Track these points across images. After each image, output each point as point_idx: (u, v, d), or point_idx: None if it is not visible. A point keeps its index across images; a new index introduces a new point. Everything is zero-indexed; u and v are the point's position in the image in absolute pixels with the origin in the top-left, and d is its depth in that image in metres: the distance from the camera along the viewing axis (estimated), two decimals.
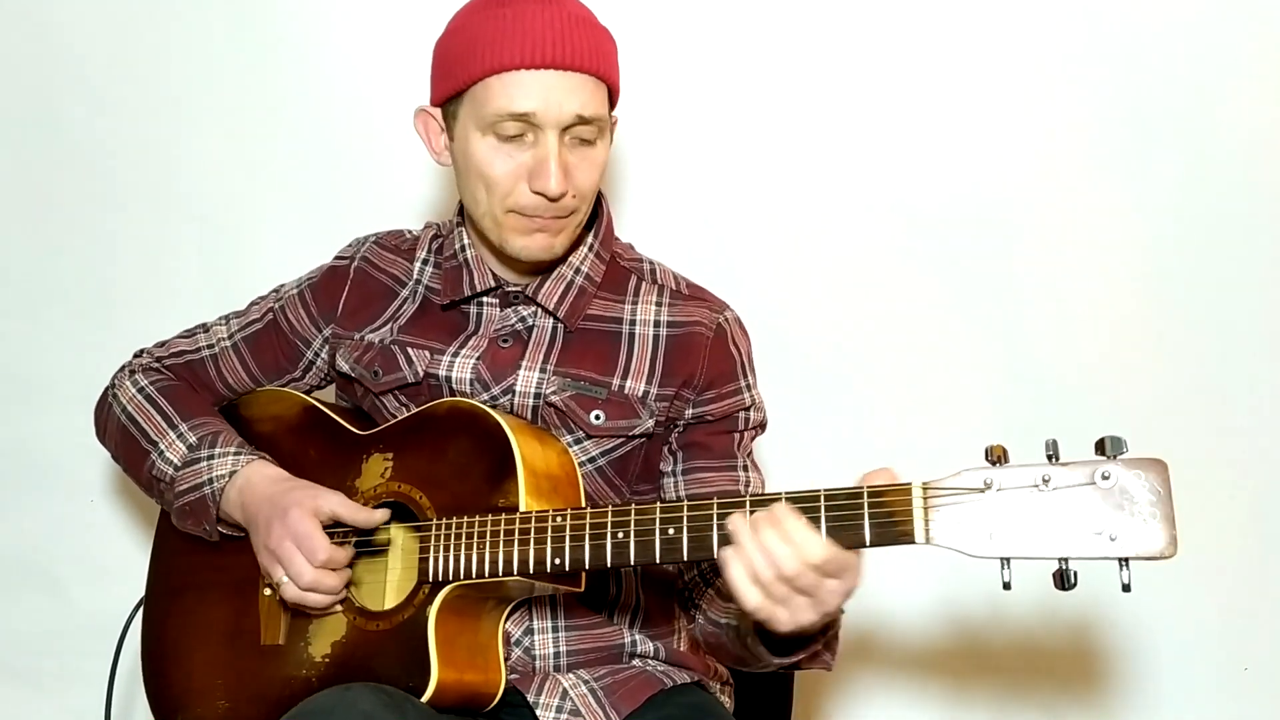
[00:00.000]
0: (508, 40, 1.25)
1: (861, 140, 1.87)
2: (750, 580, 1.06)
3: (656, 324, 1.39)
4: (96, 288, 2.05)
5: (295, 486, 1.33)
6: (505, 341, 1.38)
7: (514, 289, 1.39)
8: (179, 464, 1.39)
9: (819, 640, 1.20)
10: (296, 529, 1.28)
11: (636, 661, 1.38)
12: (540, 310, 1.38)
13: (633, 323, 1.39)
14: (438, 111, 1.35)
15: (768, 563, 1.05)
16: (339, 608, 1.31)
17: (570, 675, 1.33)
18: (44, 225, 2.05)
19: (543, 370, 1.36)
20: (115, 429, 1.48)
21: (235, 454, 1.37)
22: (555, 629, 1.35)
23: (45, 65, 2.01)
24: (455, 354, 1.38)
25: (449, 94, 1.31)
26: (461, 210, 1.43)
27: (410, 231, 1.51)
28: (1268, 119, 1.81)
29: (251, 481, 1.35)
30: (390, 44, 1.91)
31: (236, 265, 1.99)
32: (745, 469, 1.39)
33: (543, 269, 1.38)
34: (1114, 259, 1.85)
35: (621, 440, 1.36)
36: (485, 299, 1.40)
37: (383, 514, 1.32)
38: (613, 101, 1.34)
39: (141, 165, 2.01)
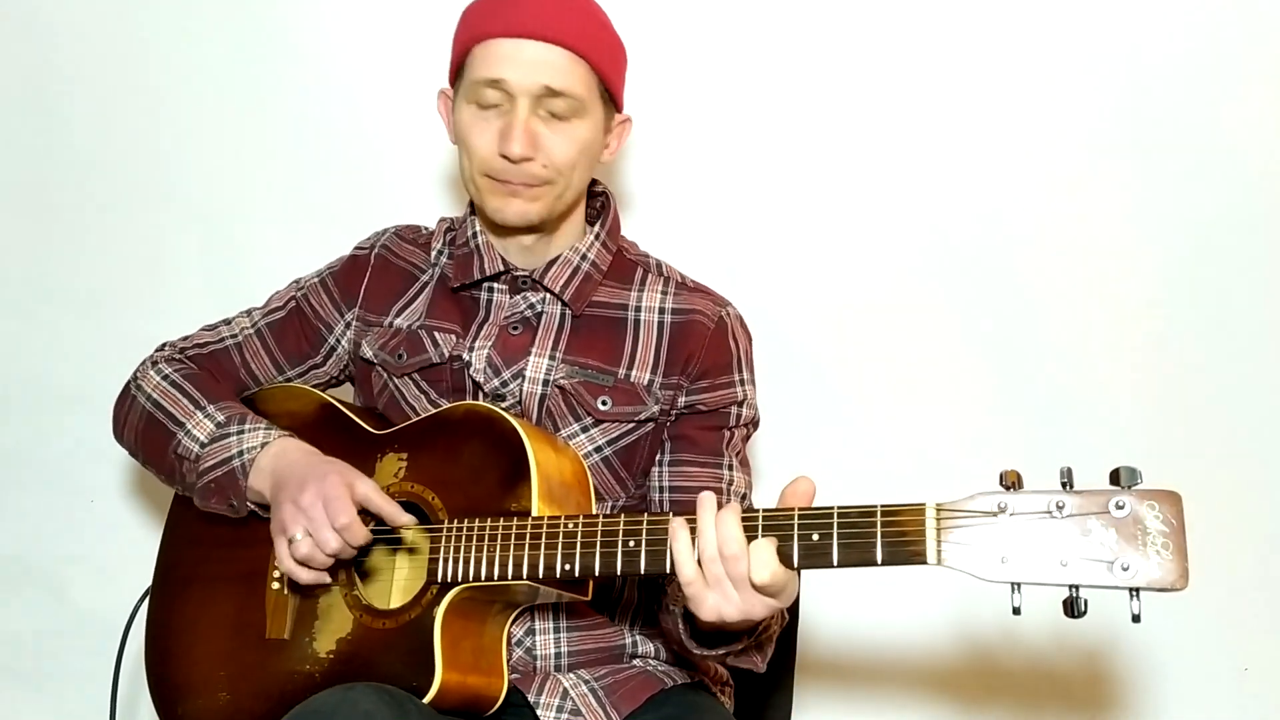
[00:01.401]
0: (492, 12, 1.33)
1: (873, 152, 1.87)
2: (690, 553, 1.11)
3: (661, 311, 1.42)
4: (96, 288, 2.04)
5: (336, 461, 1.33)
6: (515, 328, 1.40)
7: (522, 274, 1.42)
8: (206, 440, 1.39)
9: (743, 640, 1.22)
10: (329, 492, 1.28)
11: (637, 661, 1.39)
12: (548, 295, 1.41)
13: (638, 309, 1.42)
14: (451, 90, 1.41)
15: (714, 539, 1.09)
16: (344, 604, 1.32)
17: (571, 675, 1.34)
18: (44, 225, 2.05)
19: (552, 357, 1.38)
20: (138, 417, 1.47)
21: (266, 429, 1.38)
22: (557, 629, 1.36)
23: (45, 66, 2.00)
24: (472, 341, 1.40)
25: (453, 71, 1.39)
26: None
27: (426, 227, 1.54)
28: None
29: (287, 450, 1.35)
30: (392, 44, 1.91)
31: (237, 266, 1.99)
32: (731, 468, 1.40)
33: (550, 258, 1.41)
34: (1129, 282, 1.85)
35: (629, 427, 1.38)
36: (495, 285, 1.43)
37: (410, 518, 1.31)
38: (610, 92, 1.38)
39: (142, 165, 2.01)
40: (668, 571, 1.17)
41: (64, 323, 2.05)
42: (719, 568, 1.09)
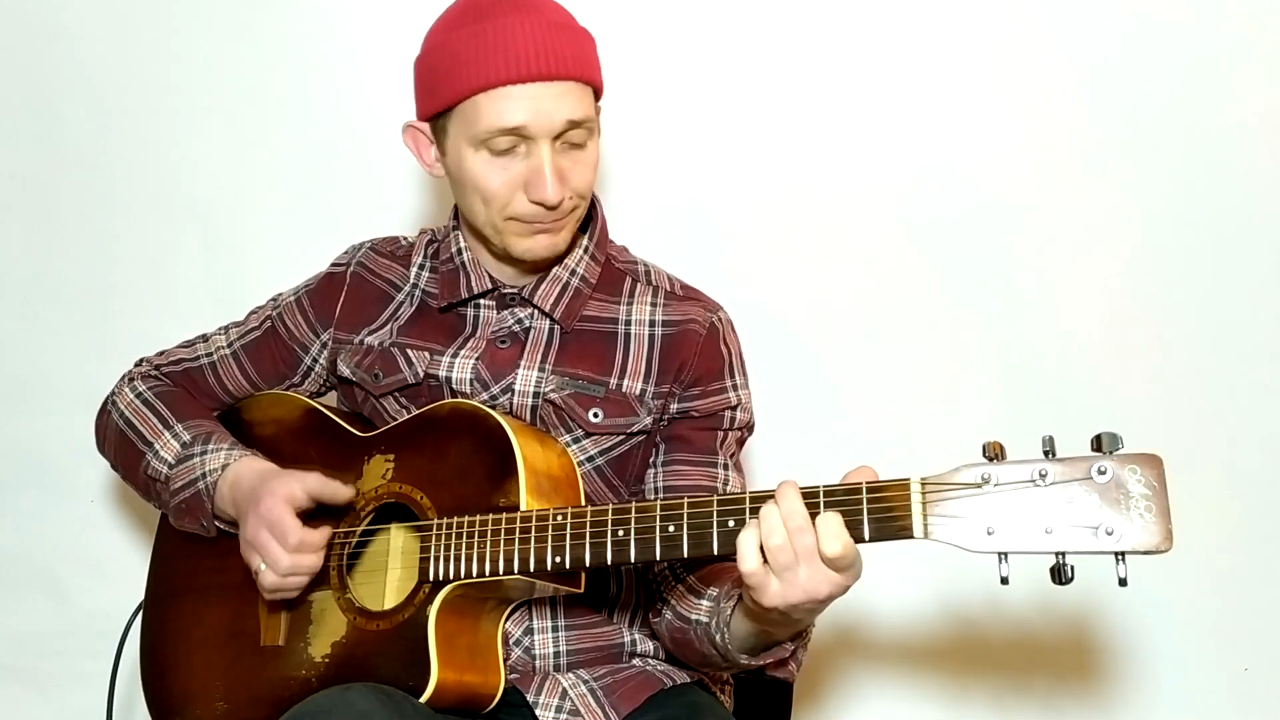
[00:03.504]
0: (492, 55, 1.26)
1: (857, 136, 1.87)
2: (754, 544, 1.07)
3: (651, 324, 1.40)
4: (97, 289, 2.04)
5: (273, 475, 1.33)
6: (503, 342, 1.39)
7: (510, 291, 1.40)
8: (173, 462, 1.40)
9: (786, 647, 1.22)
10: (268, 516, 1.28)
11: (636, 661, 1.39)
12: (537, 312, 1.39)
13: (628, 323, 1.40)
14: (426, 126, 1.36)
15: (780, 523, 1.06)
16: (337, 608, 1.32)
17: (570, 675, 1.34)
18: (44, 226, 2.05)
19: (541, 369, 1.37)
20: (113, 434, 1.49)
21: (228, 450, 1.38)
22: (555, 629, 1.35)
23: (46, 66, 2.01)
24: (455, 355, 1.39)
25: (436, 111, 1.32)
26: (457, 214, 1.43)
27: (405, 238, 1.52)
28: (1267, 118, 1.81)
29: (240, 476, 1.35)
30: (391, 48, 1.90)
31: (237, 267, 1.99)
32: (725, 468, 1.39)
33: (540, 269, 1.39)
34: (1110, 254, 1.85)
35: (620, 439, 1.37)
36: (482, 301, 1.41)
37: (349, 490, 1.31)
38: (598, 95, 1.35)
39: (142, 167, 2.01)
40: (658, 559, 1.17)
41: (64, 323, 2.05)
42: (787, 555, 1.06)
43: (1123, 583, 0.98)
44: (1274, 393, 1.86)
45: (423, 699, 1.21)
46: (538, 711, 1.29)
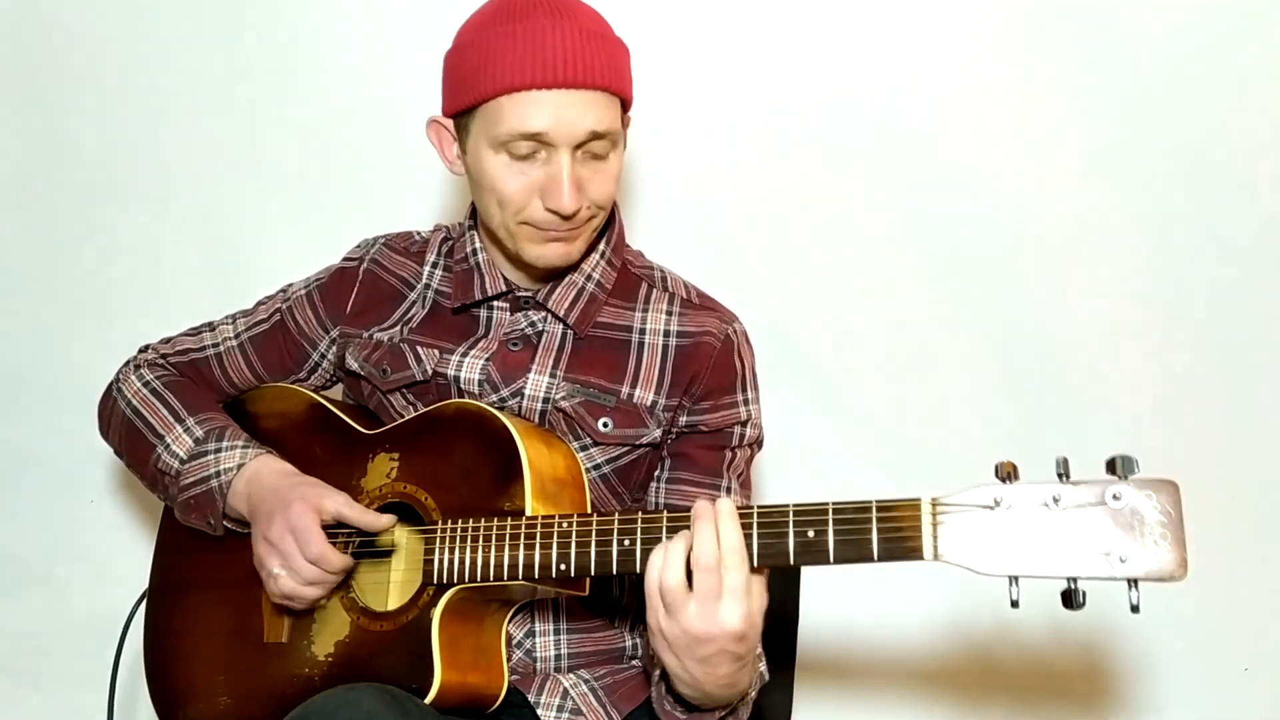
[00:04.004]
0: (520, 59, 1.24)
1: (871, 150, 1.87)
2: (682, 556, 1.11)
3: (666, 333, 1.39)
4: (96, 287, 2.04)
5: (302, 482, 1.33)
6: (515, 345, 1.38)
7: (525, 294, 1.39)
8: (185, 457, 1.39)
9: (717, 713, 1.22)
10: (296, 523, 1.28)
11: (636, 662, 1.39)
12: (550, 316, 1.39)
13: (642, 331, 1.39)
14: (450, 122, 1.35)
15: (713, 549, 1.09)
16: (341, 607, 1.32)
17: (571, 675, 1.34)
18: (44, 225, 2.05)
19: (552, 375, 1.36)
20: (119, 423, 1.47)
21: (243, 448, 1.38)
22: (557, 631, 1.35)
23: (45, 65, 2.00)
24: (465, 354, 1.38)
25: (461, 108, 1.31)
26: (474, 213, 1.43)
27: (419, 233, 1.51)
28: (1273, 121, 1.81)
29: (260, 474, 1.35)
30: (394, 44, 1.91)
31: (238, 266, 1.99)
32: (729, 490, 1.38)
33: (555, 274, 1.38)
34: (1124, 272, 1.85)
35: (627, 449, 1.36)
36: (496, 303, 1.40)
37: (388, 519, 1.32)
38: (625, 107, 1.34)
39: (142, 165, 2.01)
40: None
41: (64, 323, 2.06)
42: (711, 581, 1.09)
43: (1135, 609, 0.97)
44: (1274, 394, 1.86)
45: (427, 701, 1.21)
46: (540, 711, 1.30)
